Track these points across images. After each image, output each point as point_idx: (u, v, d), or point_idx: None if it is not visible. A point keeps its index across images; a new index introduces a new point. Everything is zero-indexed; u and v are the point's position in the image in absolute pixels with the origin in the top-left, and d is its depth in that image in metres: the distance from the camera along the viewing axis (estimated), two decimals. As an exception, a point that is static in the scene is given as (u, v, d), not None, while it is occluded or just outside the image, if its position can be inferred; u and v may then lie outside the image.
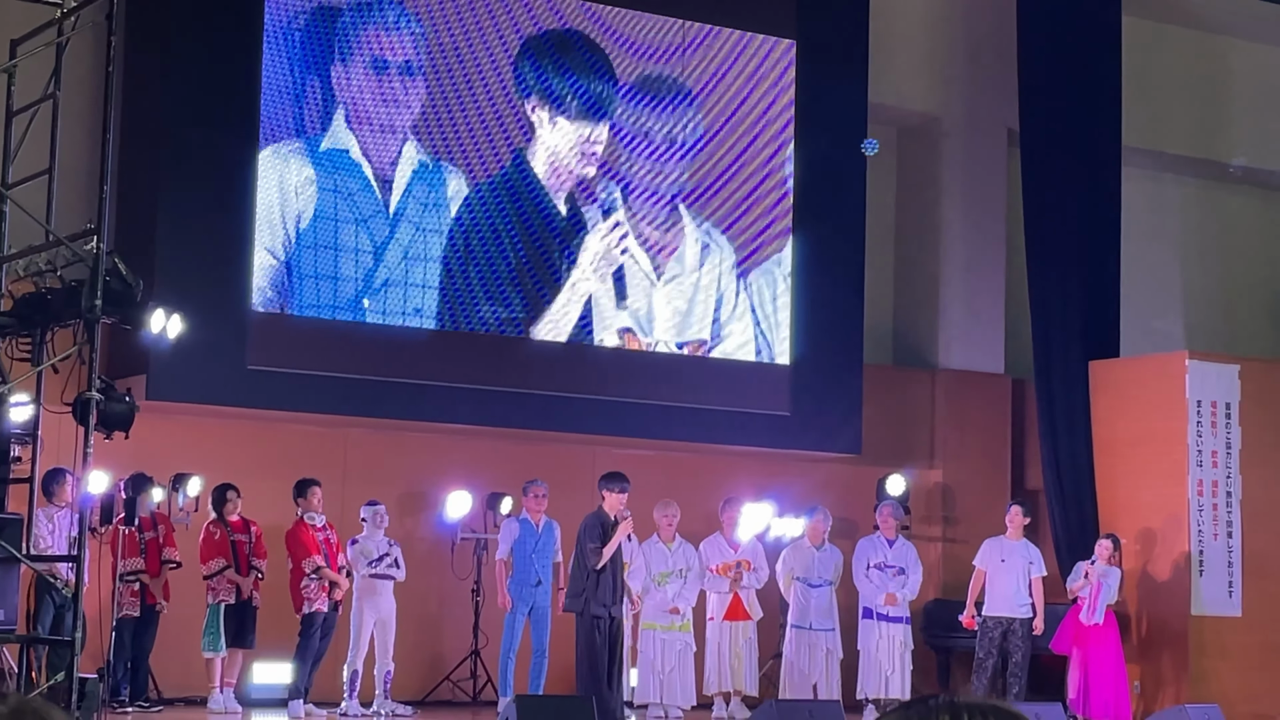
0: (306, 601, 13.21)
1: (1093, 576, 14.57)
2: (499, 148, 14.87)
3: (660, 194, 15.58)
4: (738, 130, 15.95)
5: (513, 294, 14.84)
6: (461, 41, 14.77)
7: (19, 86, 10.99)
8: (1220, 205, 19.61)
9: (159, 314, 10.98)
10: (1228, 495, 15.74)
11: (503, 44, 14.97)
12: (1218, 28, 18.88)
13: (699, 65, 15.82)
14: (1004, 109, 17.34)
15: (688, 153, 15.73)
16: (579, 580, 12.58)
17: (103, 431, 9.81)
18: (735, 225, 15.89)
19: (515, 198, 14.91)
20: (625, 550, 13.25)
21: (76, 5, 10.67)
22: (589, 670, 12.50)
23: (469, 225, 14.70)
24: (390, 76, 14.49)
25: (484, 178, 14.83)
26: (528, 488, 14.00)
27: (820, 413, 15.90)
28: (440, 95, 14.63)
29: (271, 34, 14.02)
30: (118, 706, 12.55)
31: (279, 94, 14.05)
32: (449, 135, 14.67)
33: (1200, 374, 15.82)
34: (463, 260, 14.65)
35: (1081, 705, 14.63)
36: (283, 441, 14.40)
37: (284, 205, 13.95)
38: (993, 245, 17.65)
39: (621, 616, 12.71)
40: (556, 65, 15.18)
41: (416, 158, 14.52)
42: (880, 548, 14.79)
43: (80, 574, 9.85)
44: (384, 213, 14.35)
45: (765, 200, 16.04)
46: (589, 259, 15.17)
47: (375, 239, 14.28)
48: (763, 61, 16.11)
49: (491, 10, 14.91)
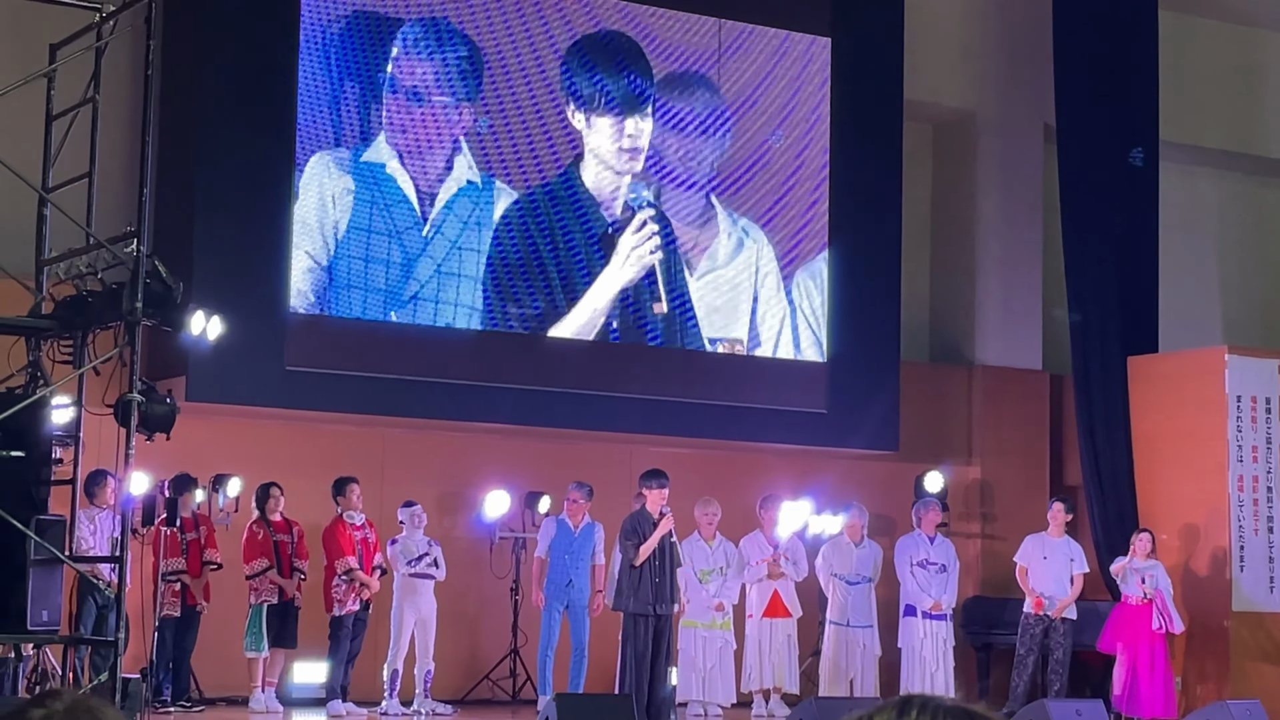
0: (337, 603, 13.22)
1: (1149, 585, 14.45)
2: (543, 158, 14.85)
3: (694, 190, 15.55)
4: (774, 127, 15.91)
5: (556, 292, 14.83)
6: (509, 51, 14.75)
7: (58, 91, 11.02)
8: (1258, 199, 19.50)
9: (199, 316, 11.01)
10: (1268, 490, 15.65)
11: (552, 48, 14.94)
12: (1253, 20, 18.77)
13: (735, 63, 15.79)
14: (1040, 105, 17.26)
15: (724, 149, 15.70)
16: (623, 578, 12.63)
17: (144, 433, 9.82)
18: (773, 222, 15.86)
19: (560, 202, 14.90)
20: (691, 551, 13.48)
21: (115, 9, 10.70)
22: (631, 668, 12.51)
23: (516, 229, 14.69)
24: (430, 91, 14.46)
25: (537, 183, 14.81)
26: (568, 492, 14.00)
27: (858, 410, 15.85)
28: (485, 108, 14.62)
29: (308, 40, 14.03)
30: (160, 706, 12.58)
31: (316, 100, 14.06)
32: (496, 150, 14.65)
33: (1240, 369, 15.72)
34: (506, 262, 14.64)
35: (1126, 703, 14.55)
36: (321, 442, 14.42)
37: (322, 212, 13.97)
38: (1029, 241, 17.57)
39: (669, 614, 12.66)
40: (595, 66, 15.16)
41: (465, 176, 14.50)
42: (923, 545, 14.74)
43: (123, 575, 9.88)
44: (419, 226, 14.32)
45: (802, 197, 16.00)
46: (622, 256, 15.15)
47: (408, 252, 14.25)
48: (799, 59, 16.07)
49: (541, 16, 14.89)
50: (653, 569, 12.57)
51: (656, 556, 12.57)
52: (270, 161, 13.86)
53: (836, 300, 15.99)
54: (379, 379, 14.06)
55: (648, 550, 12.46)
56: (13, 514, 9.52)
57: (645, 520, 12.59)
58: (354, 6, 14.25)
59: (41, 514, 9.98)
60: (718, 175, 15.66)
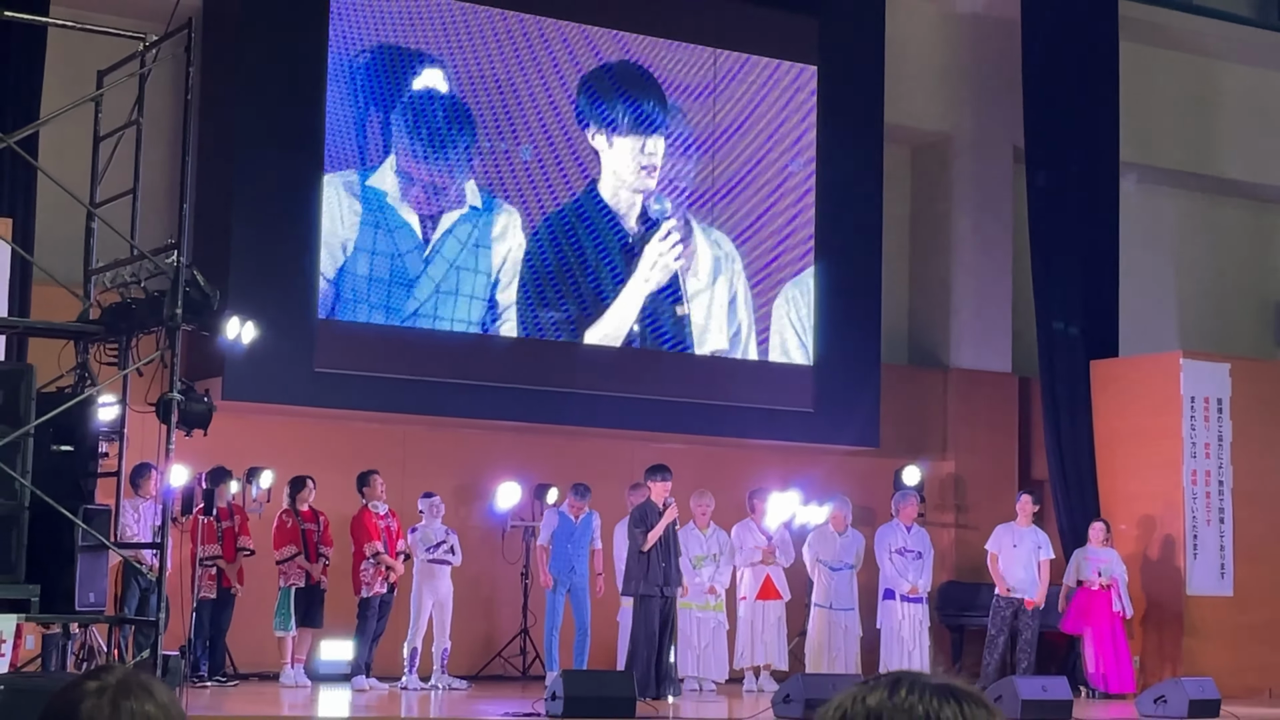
0: (365, 586, 13.23)
1: (1105, 575, 14.50)
2: (554, 180, 14.88)
3: (683, 209, 15.57)
4: (763, 149, 15.93)
5: (570, 302, 14.88)
6: (519, 81, 14.78)
7: (105, 114, 11.04)
8: (1212, 216, 19.51)
9: (234, 322, 11.03)
10: (1220, 484, 15.66)
11: (561, 82, 14.97)
12: (1208, 52, 18.79)
13: (729, 90, 15.80)
14: (1010, 128, 17.27)
15: (714, 168, 15.71)
16: (632, 564, 12.78)
17: (183, 429, 9.85)
18: (761, 238, 15.87)
19: (583, 218, 14.94)
20: (686, 539, 13.52)
21: (158, 39, 10.72)
22: (640, 645, 12.61)
23: (546, 243, 14.71)
24: (438, 119, 14.45)
25: (552, 208, 14.83)
26: (568, 497, 14.07)
27: (841, 409, 15.87)
28: (498, 135, 14.64)
29: (335, 67, 14.07)
30: (198, 681, 12.59)
31: (342, 124, 14.10)
32: (511, 173, 14.68)
33: (1194, 372, 15.74)
34: (522, 277, 14.68)
35: (1100, 679, 14.60)
36: (347, 438, 14.43)
37: (333, 230, 13.98)
38: (1000, 254, 17.59)
39: (674, 596, 12.84)
40: (614, 91, 15.19)
41: (469, 201, 14.50)
42: (900, 534, 14.76)
43: (163, 560, 9.91)
44: (420, 249, 14.29)
45: (790, 214, 16.01)
46: (649, 263, 15.21)
47: (410, 275, 14.22)
48: (787, 86, 16.09)
49: (550, 51, 14.93)
50: (659, 554, 12.70)
51: (662, 543, 12.70)
52: (301, 179, 13.89)
53: (822, 308, 16.01)
54: (401, 380, 14.08)
55: (654, 537, 12.62)
56: (62, 503, 9.54)
57: (652, 510, 12.83)
58: (378, 39, 14.28)
59: (89, 504, 10.00)
60: (703, 194, 15.67)
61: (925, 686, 2.03)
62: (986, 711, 2.03)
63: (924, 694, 2.02)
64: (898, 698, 2.03)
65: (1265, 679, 15.44)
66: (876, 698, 2.04)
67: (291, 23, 14.02)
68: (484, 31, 14.71)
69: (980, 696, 2.05)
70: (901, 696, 2.02)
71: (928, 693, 2.02)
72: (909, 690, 2.02)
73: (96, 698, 2.44)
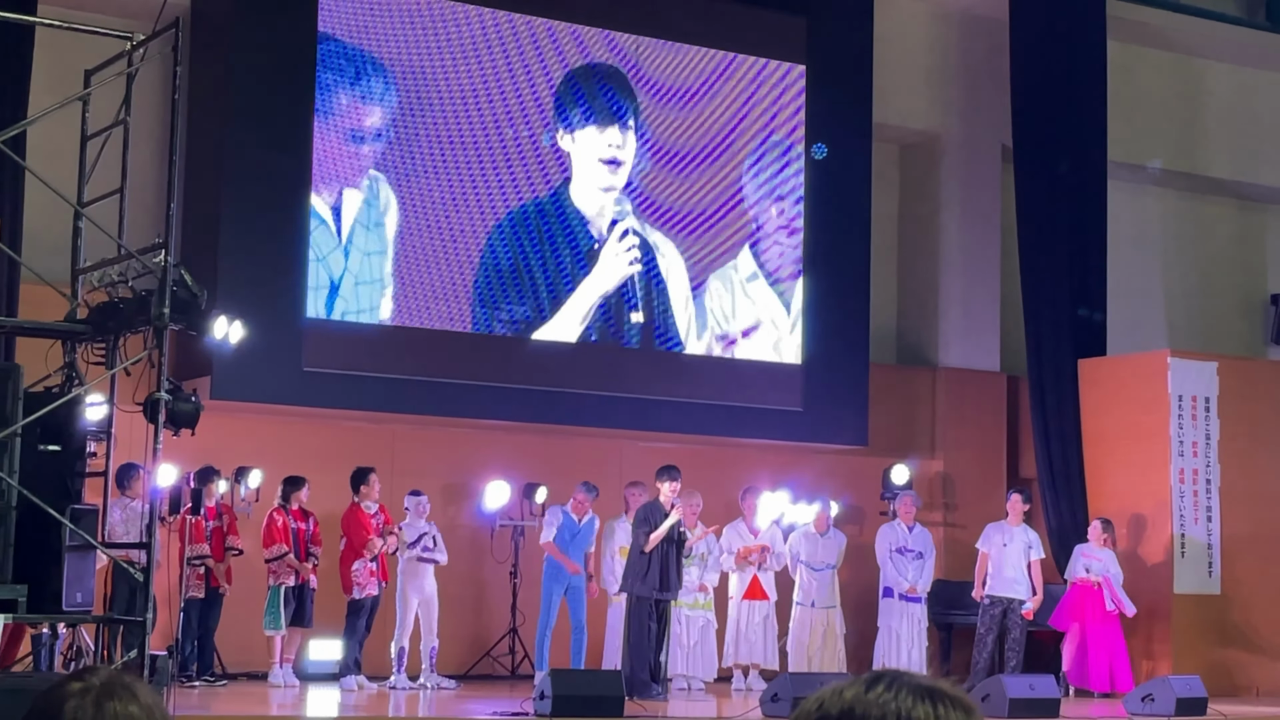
0: (357, 586, 13.20)
1: (1095, 572, 14.53)
2: (517, 177, 14.86)
3: (664, 209, 15.55)
4: (750, 147, 15.92)
5: (545, 299, 14.85)
6: (506, 78, 14.77)
7: (92, 113, 11.03)
8: (1198, 215, 19.54)
9: (221, 321, 11.00)
10: (1207, 483, 15.68)
11: (547, 78, 14.95)
12: (1194, 51, 18.81)
13: (719, 89, 15.79)
14: (998, 127, 17.29)
15: (700, 167, 15.70)
16: (633, 563, 12.78)
17: (171, 429, 9.84)
18: (754, 240, 15.87)
19: (548, 218, 14.89)
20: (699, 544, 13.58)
21: (145, 38, 10.70)
22: (631, 646, 12.61)
23: (511, 243, 14.67)
24: (363, 129, 14.39)
25: (530, 198, 14.78)
26: (575, 492, 14.05)
27: (830, 408, 15.87)
28: (478, 128, 14.63)
29: (323, 68, 14.05)
30: (186, 681, 12.57)
31: (326, 122, 14.07)
32: (491, 168, 14.65)
33: (1181, 371, 15.76)
34: (500, 272, 14.65)
35: (1077, 676, 14.61)
36: (335, 437, 14.41)
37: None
38: (988, 253, 17.60)
39: (669, 600, 12.80)
40: (581, 89, 15.16)
41: (376, 190, 14.29)
42: (901, 534, 14.80)
43: (151, 560, 9.89)
44: (339, 245, 14.13)
45: (779, 215, 16.00)
46: (606, 266, 15.18)
47: (332, 273, 14.11)
48: (776, 84, 16.08)
49: (536, 47, 14.92)
50: (662, 556, 12.70)
51: (665, 544, 12.72)
52: (289, 179, 13.86)
53: (812, 307, 16.01)
54: (388, 379, 14.07)
55: (657, 539, 12.63)
56: (50, 503, 9.52)
57: (658, 511, 12.89)
58: (358, 43, 14.26)
59: (76, 503, 9.98)
60: (690, 191, 15.65)
61: (904, 684, 2.04)
62: (965, 714, 2.03)
63: (900, 691, 2.03)
64: (873, 693, 2.04)
65: (1252, 677, 15.46)
66: (853, 692, 2.06)
67: (279, 22, 14.00)
68: (471, 28, 14.68)
69: (963, 699, 2.05)
70: (878, 692, 2.04)
71: (904, 690, 2.03)
72: (886, 687, 2.04)
73: (80, 698, 2.44)
